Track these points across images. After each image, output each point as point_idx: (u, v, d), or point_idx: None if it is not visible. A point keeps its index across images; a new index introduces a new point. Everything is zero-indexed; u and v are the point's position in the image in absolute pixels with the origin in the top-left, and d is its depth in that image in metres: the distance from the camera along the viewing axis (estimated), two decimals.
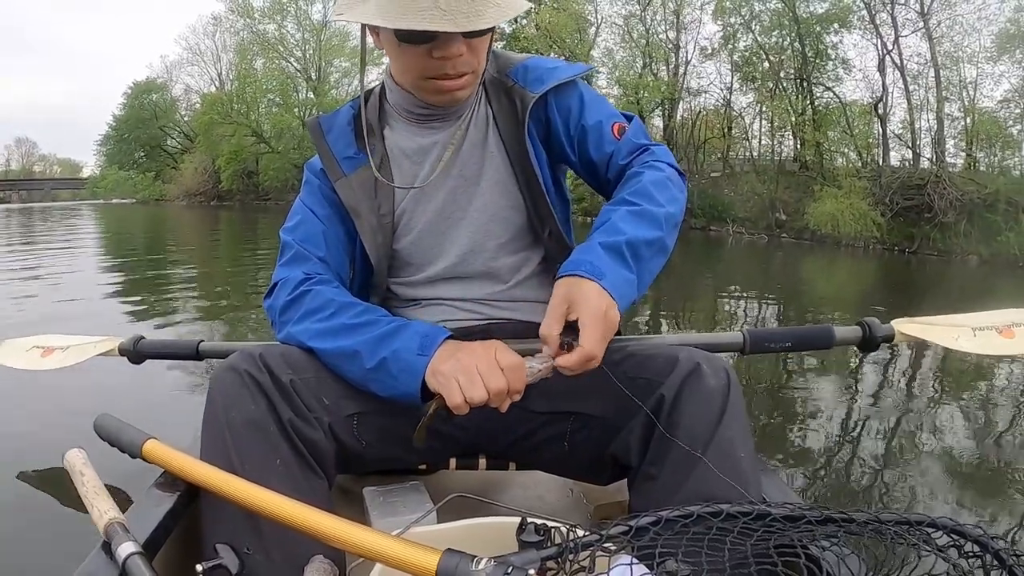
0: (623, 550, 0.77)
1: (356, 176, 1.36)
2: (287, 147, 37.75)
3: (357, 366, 1.17)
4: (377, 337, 1.16)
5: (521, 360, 1.07)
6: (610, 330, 1.10)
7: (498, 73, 1.40)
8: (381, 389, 1.16)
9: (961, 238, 16.66)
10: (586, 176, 1.45)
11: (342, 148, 1.38)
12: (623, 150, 1.38)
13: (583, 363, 1.07)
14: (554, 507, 1.67)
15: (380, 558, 0.84)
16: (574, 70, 1.38)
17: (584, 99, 1.39)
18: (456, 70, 1.21)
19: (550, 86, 1.34)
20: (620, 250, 1.17)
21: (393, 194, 1.37)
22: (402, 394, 1.13)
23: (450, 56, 1.18)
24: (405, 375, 1.12)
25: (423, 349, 1.12)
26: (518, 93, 1.36)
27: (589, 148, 1.39)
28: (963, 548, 0.73)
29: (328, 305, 1.24)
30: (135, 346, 1.98)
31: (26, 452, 2.72)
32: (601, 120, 1.38)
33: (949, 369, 4.62)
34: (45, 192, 56.45)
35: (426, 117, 1.37)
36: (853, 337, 1.72)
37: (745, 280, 11.13)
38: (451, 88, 1.24)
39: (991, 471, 2.94)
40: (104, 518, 1.06)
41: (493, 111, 1.38)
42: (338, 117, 1.42)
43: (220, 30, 43.72)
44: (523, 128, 1.34)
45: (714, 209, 22.20)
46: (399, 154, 1.38)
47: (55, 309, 6.23)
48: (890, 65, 21.16)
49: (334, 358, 1.20)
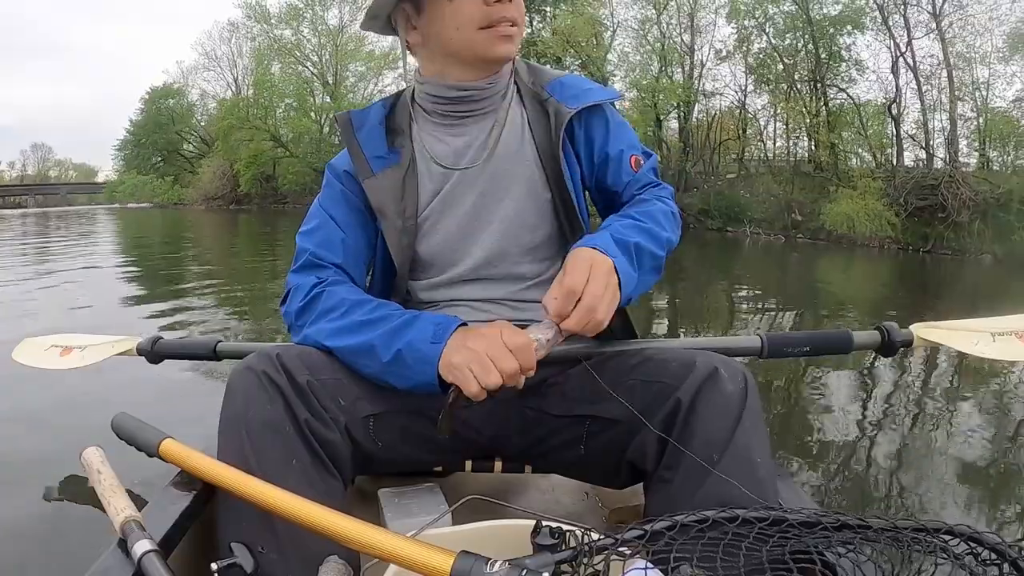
0: (638, 554, 0.77)
1: (384, 176, 1.36)
2: (305, 151, 37.93)
3: (374, 361, 1.17)
4: (391, 330, 1.17)
5: (528, 338, 1.08)
6: (613, 299, 1.13)
7: (533, 84, 1.41)
8: (399, 381, 1.17)
9: (975, 237, 16.70)
10: (596, 198, 1.50)
11: (373, 146, 1.38)
12: (638, 183, 1.45)
13: (585, 317, 1.09)
14: (569, 510, 1.67)
15: (394, 559, 0.84)
16: (607, 94, 1.42)
17: (610, 126, 1.43)
18: (512, 13, 1.24)
19: (585, 104, 1.36)
20: (628, 248, 1.22)
21: (418, 196, 1.37)
22: (420, 384, 1.14)
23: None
24: (421, 365, 1.12)
25: (437, 337, 1.13)
26: (553, 106, 1.37)
27: (607, 175, 1.44)
28: (980, 556, 0.73)
29: (341, 304, 1.24)
30: (153, 346, 1.99)
31: (44, 450, 2.76)
32: (623, 150, 1.43)
33: (966, 371, 4.58)
34: (61, 197, 56.75)
35: (456, 107, 1.36)
36: (871, 342, 1.70)
37: (763, 281, 11.15)
38: (509, 33, 1.26)
39: (1010, 476, 2.92)
40: (120, 516, 1.06)
41: (529, 118, 1.39)
42: (369, 114, 1.42)
43: (236, 36, 44.05)
44: (558, 141, 1.35)
45: (731, 210, 22.22)
46: (429, 156, 1.38)
47: (74, 310, 6.29)
48: (903, 66, 21.23)
49: (351, 355, 1.20)
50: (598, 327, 1.11)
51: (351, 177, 1.39)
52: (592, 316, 1.09)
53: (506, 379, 1.06)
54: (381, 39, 39.22)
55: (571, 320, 1.09)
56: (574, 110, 1.35)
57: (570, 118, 1.35)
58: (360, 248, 1.39)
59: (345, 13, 39.69)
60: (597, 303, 1.09)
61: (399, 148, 1.37)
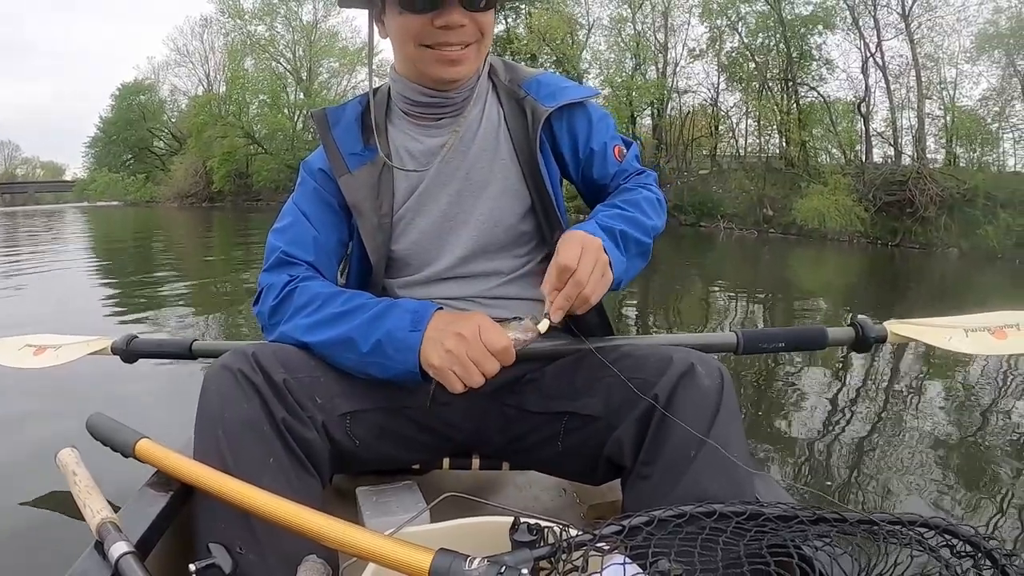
0: (616, 550, 0.77)
1: (360, 173, 1.36)
2: (279, 148, 37.79)
3: (353, 352, 1.18)
4: (368, 320, 1.17)
5: (507, 339, 1.10)
6: (603, 276, 1.17)
7: (510, 83, 1.41)
8: (380, 371, 1.17)
9: (942, 232, 17.01)
10: (583, 191, 1.52)
11: (349, 144, 1.38)
12: (624, 173, 1.47)
13: (575, 289, 1.12)
14: (547, 507, 1.67)
15: (373, 558, 0.84)
16: (585, 92, 1.43)
17: (592, 120, 1.44)
18: (458, 39, 1.22)
19: (562, 103, 1.37)
20: (614, 234, 1.26)
21: (394, 194, 1.37)
22: (401, 372, 1.15)
23: (452, 24, 1.20)
24: (402, 354, 1.13)
25: (415, 325, 1.14)
26: (530, 105, 1.37)
27: (593, 168, 1.46)
28: (955, 548, 0.74)
29: (316, 298, 1.24)
30: (128, 345, 1.97)
31: (18, 451, 2.73)
32: (606, 142, 1.45)
33: (942, 367, 4.62)
34: (28, 195, 56.16)
35: (429, 110, 1.36)
36: (846, 338, 1.72)
37: (737, 274, 11.29)
38: (453, 57, 1.24)
39: (984, 470, 2.96)
40: (97, 518, 1.05)
41: (506, 116, 1.39)
42: (345, 111, 1.42)
43: (208, 31, 43.73)
44: (535, 139, 1.35)
45: (704, 206, 22.56)
46: (404, 154, 1.38)
47: (46, 311, 6.21)
48: (873, 66, 21.62)
49: (330, 348, 1.20)
50: (586, 303, 1.14)
51: (325, 175, 1.38)
52: (581, 290, 1.11)
53: (487, 378, 1.09)
54: (355, 35, 39.05)
55: (562, 294, 1.12)
56: (551, 109, 1.35)
57: (549, 116, 1.35)
58: (332, 246, 1.39)
59: (319, 8, 39.67)
60: (586, 277, 1.12)
61: (374, 146, 1.36)
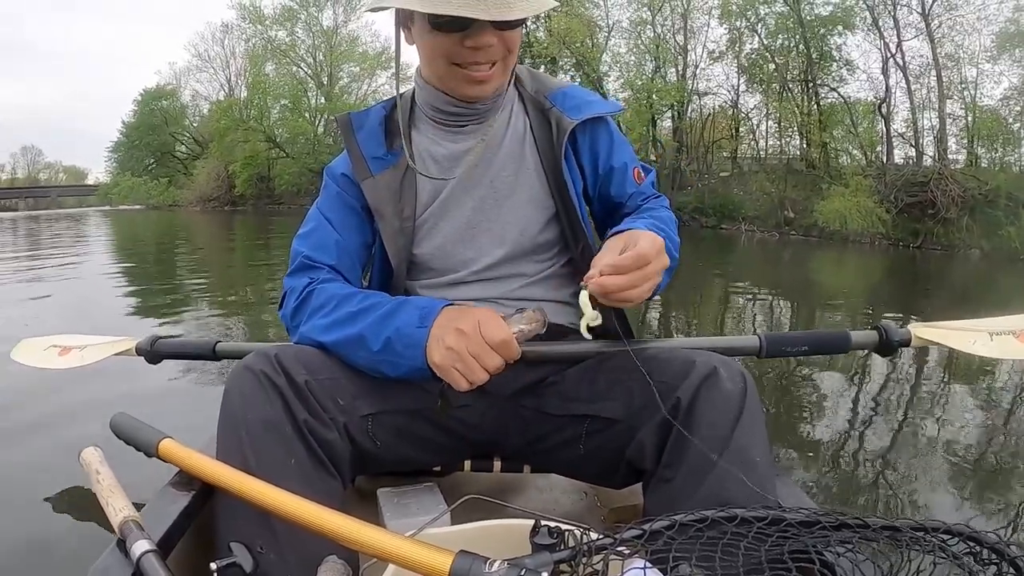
0: (636, 554, 0.77)
1: (383, 177, 1.37)
2: (300, 152, 38.07)
3: (365, 350, 1.18)
4: (379, 318, 1.17)
5: (507, 331, 1.10)
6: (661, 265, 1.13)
7: (536, 93, 1.43)
8: (391, 370, 1.17)
9: (963, 233, 16.98)
10: (597, 208, 1.52)
11: (372, 148, 1.39)
12: (641, 195, 1.48)
13: (637, 281, 1.10)
14: (568, 510, 1.67)
15: (393, 559, 0.84)
16: (610, 107, 1.44)
17: (614, 139, 1.46)
18: (487, 58, 1.23)
19: (587, 116, 1.38)
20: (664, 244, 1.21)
21: (416, 198, 1.37)
22: (411, 370, 1.15)
23: (481, 45, 1.20)
24: (410, 350, 1.13)
25: (423, 321, 1.14)
26: (555, 116, 1.39)
27: (611, 186, 1.47)
28: (979, 555, 0.73)
29: (332, 299, 1.25)
30: (152, 346, 1.98)
31: (43, 450, 2.75)
32: (627, 163, 1.46)
33: (968, 371, 4.57)
34: (51, 199, 56.75)
35: (455, 118, 1.37)
36: (869, 341, 1.70)
37: (758, 276, 11.24)
38: (480, 78, 1.26)
39: (1009, 476, 2.91)
40: (119, 516, 1.06)
41: (532, 126, 1.41)
42: (369, 116, 1.43)
43: (229, 37, 44.25)
44: (560, 149, 1.36)
45: (725, 208, 22.54)
46: (428, 159, 1.39)
47: (71, 313, 6.27)
48: (893, 67, 21.56)
49: (344, 347, 1.21)
50: (628, 301, 1.12)
51: (348, 179, 1.39)
52: (646, 282, 1.11)
53: (491, 373, 1.09)
54: (374, 39, 39.29)
55: (626, 278, 1.09)
56: (576, 121, 1.36)
57: (573, 128, 1.36)
58: (355, 249, 1.40)
59: (339, 13, 39.99)
60: (654, 274, 1.11)
61: (398, 150, 1.37)
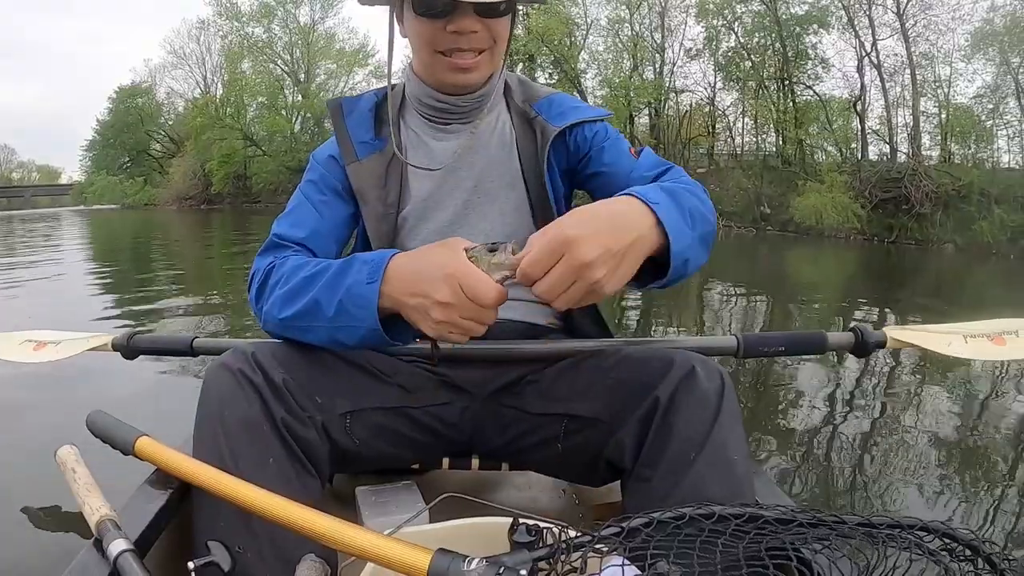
0: (615, 551, 0.77)
1: (368, 162, 1.38)
2: (277, 150, 37.95)
3: (322, 319, 1.13)
4: (330, 279, 1.13)
5: (495, 287, 0.98)
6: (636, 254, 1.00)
7: (523, 103, 1.43)
8: (348, 336, 1.13)
9: (937, 228, 17.37)
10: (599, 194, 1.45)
11: (360, 132, 1.40)
12: (644, 164, 1.39)
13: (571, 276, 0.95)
14: (547, 508, 1.67)
15: (371, 557, 0.84)
16: (595, 113, 1.43)
17: (608, 131, 1.44)
18: (470, 45, 1.23)
19: (570, 123, 1.38)
20: (678, 199, 1.10)
21: (401, 188, 1.38)
22: (367, 332, 1.10)
23: (463, 30, 1.21)
24: (363, 311, 1.09)
25: (371, 276, 1.09)
26: (540, 125, 1.39)
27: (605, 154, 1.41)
28: (955, 552, 0.73)
29: (289, 271, 1.21)
30: (128, 341, 1.96)
31: (18, 448, 2.72)
32: (620, 148, 1.42)
33: (940, 370, 4.62)
34: (25, 199, 55.91)
35: (440, 113, 1.38)
36: (845, 343, 1.72)
37: (735, 272, 11.30)
38: (464, 66, 1.26)
39: (983, 472, 2.95)
40: (96, 515, 1.06)
41: (517, 135, 1.41)
42: (360, 102, 1.44)
43: (206, 33, 43.90)
44: (543, 160, 1.37)
45: None
46: (412, 150, 1.40)
47: (46, 311, 6.21)
48: (868, 65, 22.00)
49: (303, 319, 1.16)
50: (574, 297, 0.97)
51: (334, 161, 1.40)
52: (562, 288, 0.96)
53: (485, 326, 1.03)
54: (351, 36, 39.34)
55: (540, 288, 0.96)
56: (558, 128, 1.37)
57: (561, 134, 1.37)
58: (331, 228, 1.38)
59: (316, 10, 39.97)
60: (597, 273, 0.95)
61: (385, 137, 1.38)
